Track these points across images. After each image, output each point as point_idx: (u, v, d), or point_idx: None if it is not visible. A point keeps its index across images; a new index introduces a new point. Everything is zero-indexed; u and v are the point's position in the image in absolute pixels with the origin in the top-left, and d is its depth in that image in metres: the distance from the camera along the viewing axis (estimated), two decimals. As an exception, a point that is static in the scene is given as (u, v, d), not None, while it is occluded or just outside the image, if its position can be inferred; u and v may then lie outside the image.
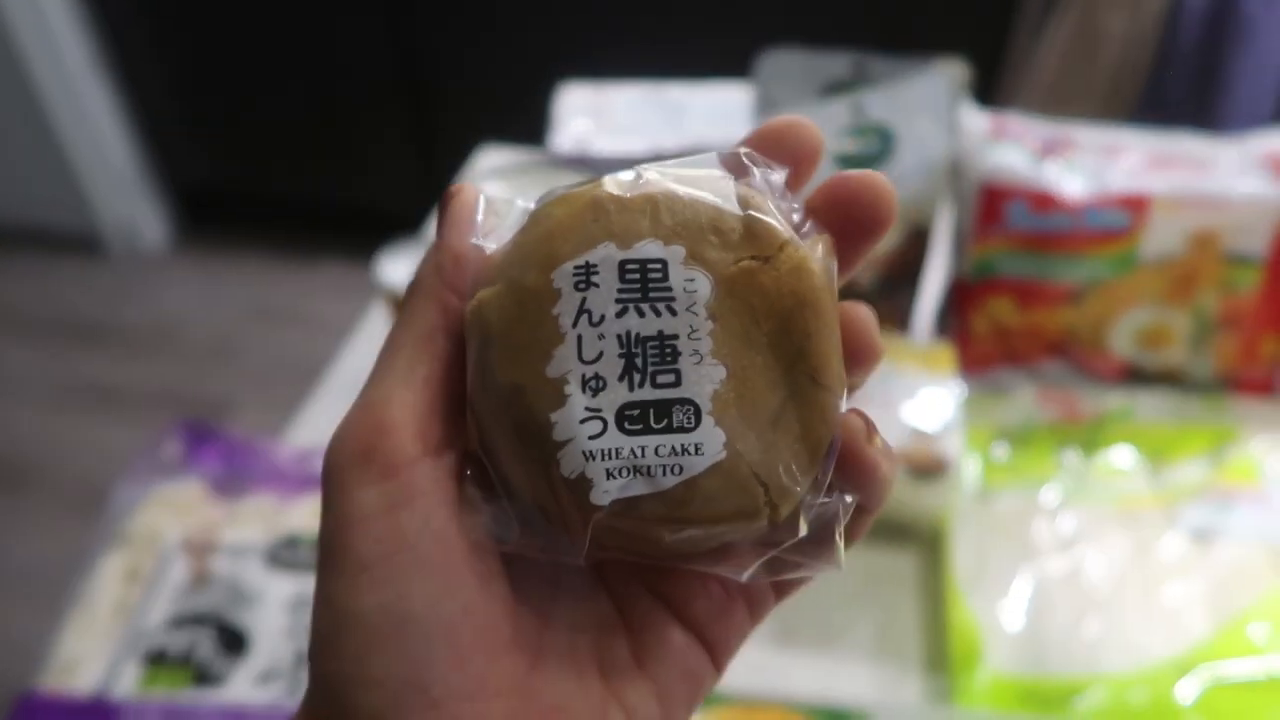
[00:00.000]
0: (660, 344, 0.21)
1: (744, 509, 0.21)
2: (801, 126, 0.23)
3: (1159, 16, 1.19)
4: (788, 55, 0.69)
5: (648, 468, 0.21)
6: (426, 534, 0.20)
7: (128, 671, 0.49)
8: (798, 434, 0.21)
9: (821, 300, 0.22)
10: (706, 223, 0.22)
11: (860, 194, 0.23)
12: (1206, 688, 0.52)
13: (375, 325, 0.79)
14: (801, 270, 0.22)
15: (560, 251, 0.21)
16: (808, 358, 0.21)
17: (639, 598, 0.24)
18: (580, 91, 0.85)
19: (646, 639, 0.23)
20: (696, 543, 0.22)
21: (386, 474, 0.21)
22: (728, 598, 0.24)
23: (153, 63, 1.82)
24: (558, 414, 0.21)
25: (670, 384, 0.21)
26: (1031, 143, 0.67)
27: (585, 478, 0.21)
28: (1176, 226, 0.64)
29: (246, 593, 0.51)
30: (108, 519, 0.55)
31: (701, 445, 0.21)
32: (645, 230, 0.22)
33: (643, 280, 0.21)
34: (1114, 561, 0.58)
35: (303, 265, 1.94)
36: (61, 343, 1.81)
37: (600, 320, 0.21)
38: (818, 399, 0.22)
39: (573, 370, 0.21)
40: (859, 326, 0.23)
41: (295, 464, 0.59)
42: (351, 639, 0.20)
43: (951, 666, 0.54)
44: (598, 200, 0.22)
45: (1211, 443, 0.64)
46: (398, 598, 0.20)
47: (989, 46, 1.34)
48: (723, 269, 0.22)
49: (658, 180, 0.22)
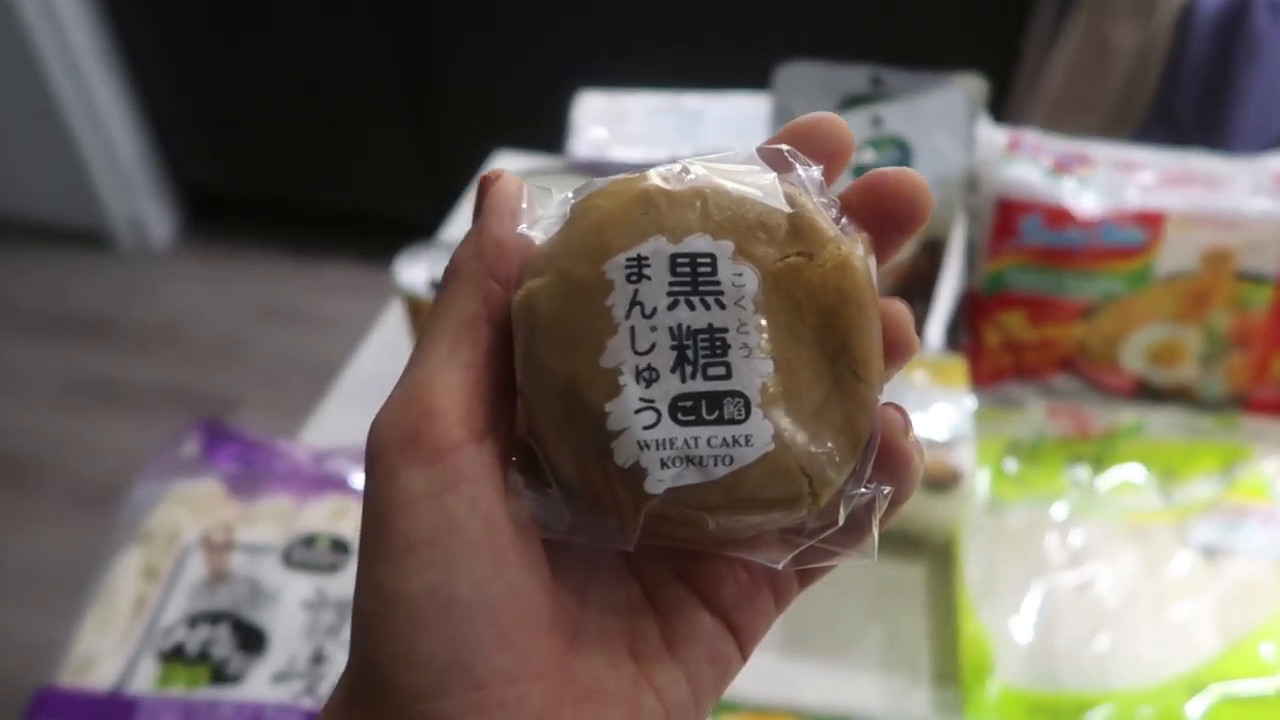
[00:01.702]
0: (710, 337, 0.22)
1: (789, 498, 0.22)
2: (832, 123, 0.24)
3: (1169, 32, 1.19)
4: (806, 67, 0.69)
5: (700, 458, 0.21)
6: (474, 517, 0.21)
7: (145, 668, 0.49)
8: (840, 426, 0.22)
9: (864, 297, 0.22)
10: (754, 219, 0.22)
11: (898, 191, 0.23)
12: (1216, 705, 0.52)
13: (390, 327, 0.79)
14: (845, 267, 0.22)
15: (611, 243, 0.22)
16: (850, 352, 0.22)
17: (668, 583, 0.24)
18: (596, 99, 0.85)
19: (676, 623, 0.24)
20: (739, 530, 0.22)
21: (433, 457, 0.21)
22: (754, 584, 0.25)
23: (163, 61, 1.83)
24: (612, 404, 0.21)
25: (721, 376, 0.21)
26: (1047, 158, 0.67)
27: (640, 466, 0.21)
28: (1190, 244, 0.65)
29: (264, 591, 0.51)
30: (126, 516, 0.55)
31: (751, 437, 0.21)
32: (695, 224, 0.22)
33: (693, 274, 0.22)
34: (1124, 577, 0.58)
35: (309, 265, 1.94)
36: (67, 338, 1.82)
37: (652, 312, 0.22)
38: (860, 393, 0.22)
39: (626, 361, 0.21)
40: (896, 322, 0.23)
41: (312, 465, 0.59)
42: (398, 621, 0.20)
43: (963, 679, 0.54)
44: (646, 193, 0.22)
45: (1222, 461, 0.65)
46: (444, 580, 0.20)
47: (999, 61, 1.34)
48: (769, 264, 0.22)
49: (704, 174, 0.23)
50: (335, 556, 0.53)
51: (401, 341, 0.74)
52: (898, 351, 0.24)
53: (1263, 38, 1.16)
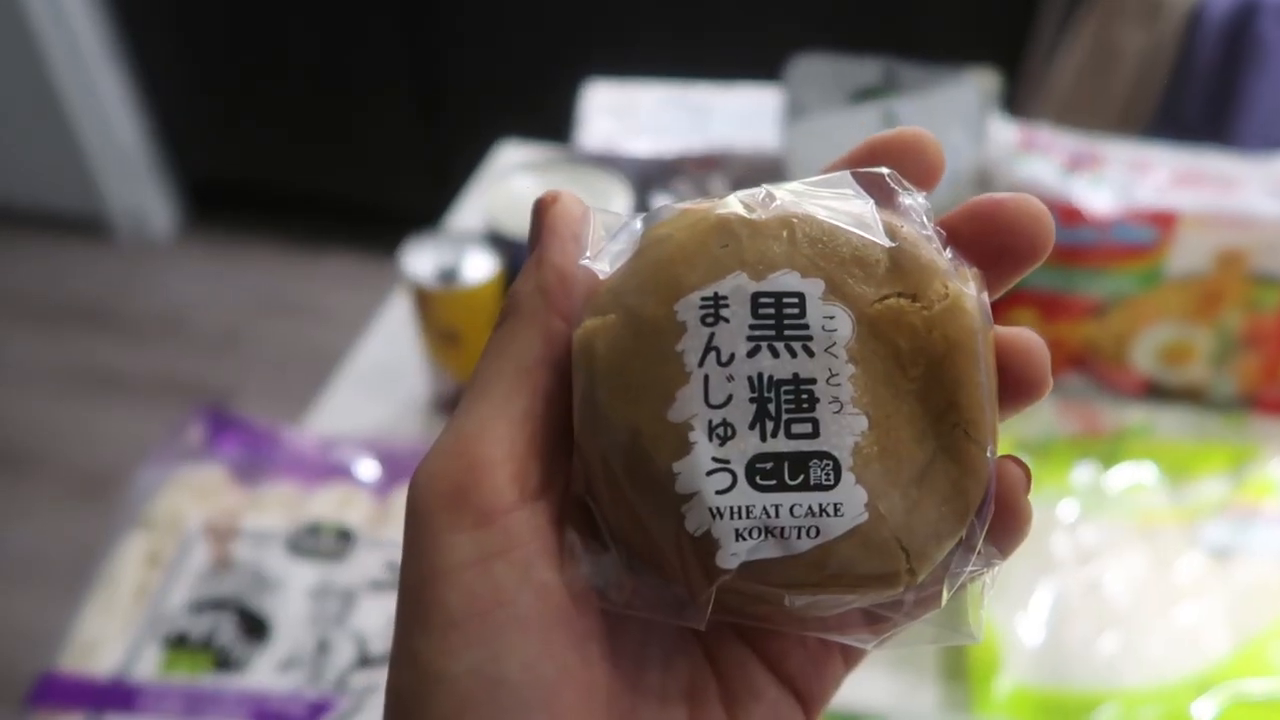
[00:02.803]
0: (796, 389, 0.19)
1: (882, 575, 0.19)
2: (925, 140, 0.21)
3: (1175, 35, 1.19)
4: (818, 61, 0.69)
5: (781, 529, 0.19)
6: (525, 589, 0.19)
7: (148, 654, 0.48)
8: (945, 494, 0.19)
9: (975, 344, 0.19)
10: (848, 253, 0.20)
11: (1016, 220, 0.20)
12: (1225, 706, 0.52)
13: (393, 318, 0.79)
14: (955, 310, 0.19)
15: (685, 279, 0.19)
16: (960, 409, 0.19)
17: (733, 649, 0.22)
18: (605, 90, 0.84)
19: (740, 693, 0.22)
20: (821, 608, 0.20)
21: (481, 520, 0.19)
22: (824, 649, 0.23)
23: (166, 50, 1.82)
24: (681, 463, 0.19)
25: (807, 435, 0.19)
26: (1060, 156, 0.67)
27: (711, 537, 0.19)
28: (1203, 244, 0.64)
29: (268, 579, 0.51)
30: (129, 502, 0.54)
31: (841, 506, 0.19)
32: (781, 259, 0.19)
33: (778, 316, 0.19)
34: (1133, 577, 0.58)
35: (310, 257, 1.93)
36: (67, 327, 1.81)
37: (730, 360, 0.19)
38: (970, 455, 0.19)
39: (698, 415, 0.19)
40: (1025, 357, 0.20)
41: (317, 453, 0.59)
42: (439, 704, 0.18)
43: (971, 676, 0.54)
44: (726, 222, 0.20)
45: (1232, 461, 0.64)
46: (491, 659, 0.18)
47: (1006, 60, 1.34)
48: (866, 306, 0.19)
49: (792, 200, 0.20)
50: (340, 545, 0.53)
51: (405, 332, 0.73)
52: (1024, 392, 0.20)
53: (1269, 43, 1.16)
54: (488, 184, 0.90)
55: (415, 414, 0.69)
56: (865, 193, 0.21)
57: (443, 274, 0.61)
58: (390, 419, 0.69)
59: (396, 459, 0.58)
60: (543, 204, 0.22)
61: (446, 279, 0.61)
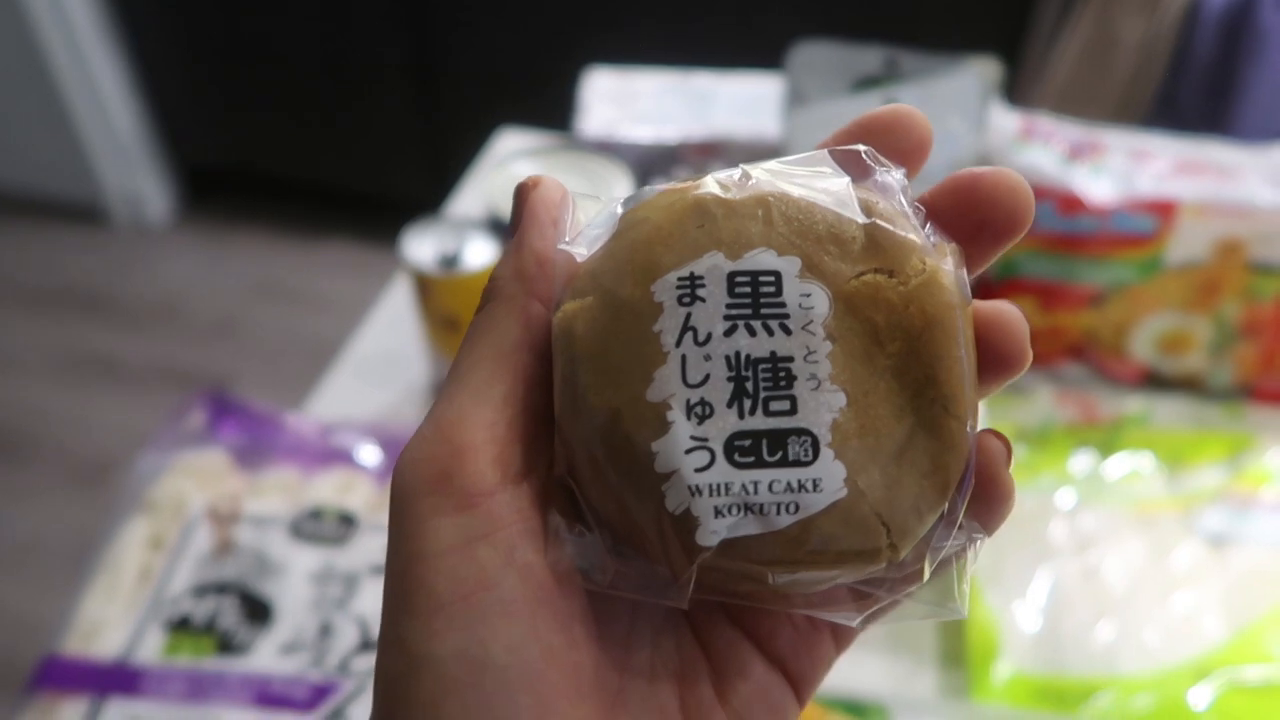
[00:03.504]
0: (774, 366, 0.19)
1: (864, 551, 0.19)
2: (913, 117, 0.21)
3: (1175, 25, 1.19)
4: (819, 48, 0.69)
5: (760, 505, 0.19)
6: (509, 571, 0.19)
7: (151, 637, 0.49)
8: (925, 469, 0.19)
9: (953, 319, 0.19)
10: (825, 231, 0.20)
11: (995, 193, 0.20)
12: (1221, 692, 0.52)
13: (393, 305, 0.79)
14: (932, 285, 0.19)
15: (661, 260, 0.20)
16: (938, 384, 0.19)
17: (721, 629, 0.22)
18: (606, 78, 0.84)
19: (729, 673, 0.22)
20: (805, 585, 0.20)
21: (464, 503, 0.19)
22: (813, 629, 0.23)
23: (162, 34, 1.81)
24: (659, 443, 0.19)
25: (785, 412, 0.19)
26: (1060, 144, 0.67)
27: (691, 515, 0.19)
28: (1202, 233, 0.64)
29: (270, 563, 0.51)
30: (131, 486, 0.54)
31: (820, 481, 0.19)
32: (756, 238, 0.20)
33: (754, 294, 0.19)
34: (1130, 565, 0.58)
35: (307, 244, 1.93)
36: (63, 314, 1.81)
37: (706, 339, 0.19)
38: (949, 429, 0.19)
39: (676, 394, 0.19)
40: (1005, 330, 0.20)
41: (318, 438, 0.59)
42: (425, 686, 0.18)
43: (969, 662, 0.54)
44: (701, 202, 0.20)
45: (1229, 450, 0.65)
46: (477, 642, 0.18)
47: (1005, 49, 1.34)
48: (842, 283, 0.19)
49: (767, 179, 0.20)
50: (342, 530, 0.53)
51: (405, 319, 0.73)
52: (1004, 366, 0.20)
53: (1268, 33, 1.16)
54: (488, 171, 0.89)
55: (415, 401, 0.69)
56: (843, 170, 0.21)
57: (444, 260, 0.61)
58: (390, 406, 0.69)
59: (398, 444, 0.59)
60: (523, 189, 0.22)
61: (447, 265, 0.61)
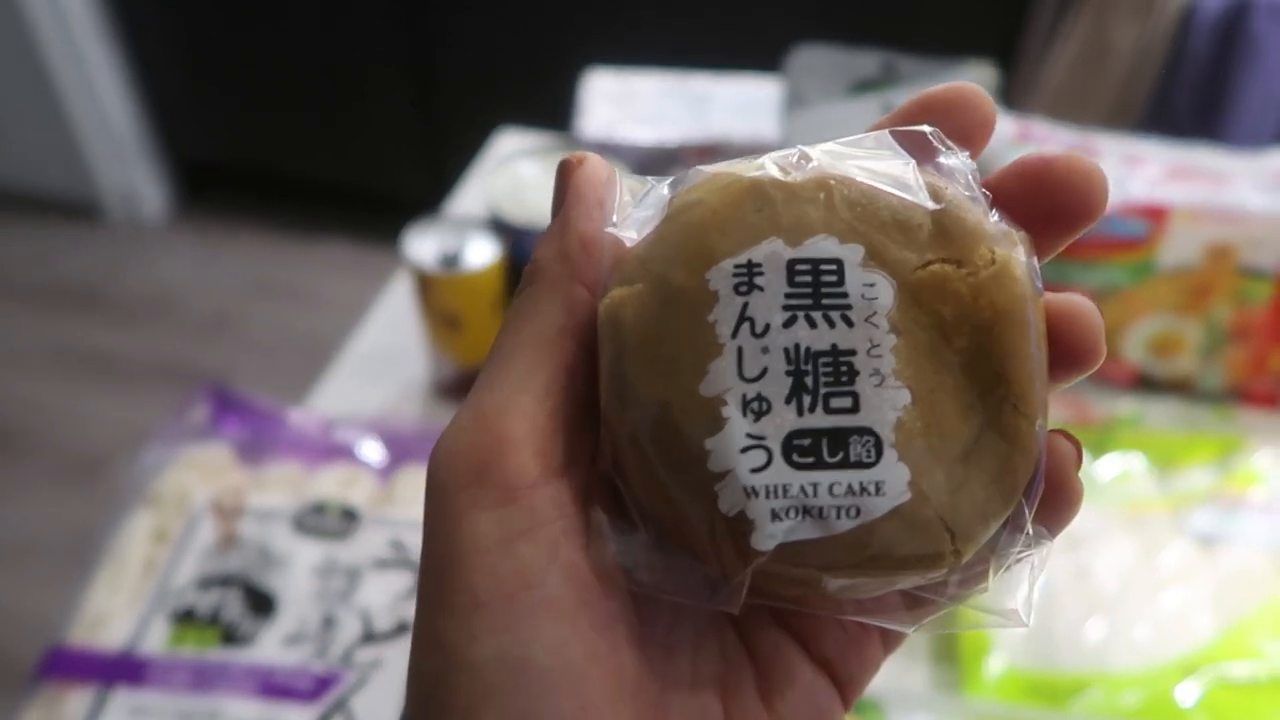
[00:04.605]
0: (835, 361, 0.18)
1: (925, 557, 0.18)
2: (978, 95, 0.20)
3: (1169, 31, 1.20)
4: (818, 51, 0.70)
5: (819, 509, 0.18)
6: (552, 569, 0.18)
7: (156, 629, 0.49)
8: (993, 472, 0.18)
9: (1025, 312, 0.19)
10: (889, 217, 0.19)
11: (1069, 179, 0.19)
12: (1208, 689, 0.53)
13: (393, 303, 0.79)
14: (1004, 276, 0.19)
15: (717, 246, 0.19)
16: (1008, 381, 0.18)
17: (766, 630, 0.21)
18: (606, 79, 0.85)
19: (774, 676, 0.21)
20: (862, 590, 0.19)
21: (505, 498, 0.18)
22: (862, 631, 0.22)
23: (159, 29, 1.81)
24: (713, 440, 0.18)
25: (846, 409, 0.18)
26: (1055, 148, 0.68)
27: (745, 517, 0.18)
28: (1194, 238, 0.65)
29: (274, 556, 0.52)
30: (134, 479, 0.55)
31: (883, 484, 0.18)
32: (818, 224, 0.19)
33: (815, 284, 0.18)
34: (1121, 563, 0.59)
35: (304, 242, 1.93)
36: (57, 309, 1.80)
37: (764, 331, 0.18)
38: (1019, 430, 0.18)
39: (732, 389, 0.18)
40: (1079, 323, 0.19)
41: (320, 434, 0.59)
42: (463, 689, 0.18)
43: (962, 658, 0.55)
44: (759, 185, 0.19)
45: (1218, 452, 0.65)
46: (518, 644, 0.18)
47: (1000, 54, 1.35)
48: (908, 273, 0.19)
49: (828, 162, 0.19)
50: (345, 524, 0.54)
51: (405, 317, 0.74)
52: (1076, 362, 0.19)
53: (1262, 40, 1.17)
54: (488, 170, 0.90)
55: (415, 399, 0.70)
56: (906, 153, 0.20)
57: (445, 259, 0.62)
58: (390, 404, 0.69)
59: (400, 440, 0.59)
60: (568, 166, 0.20)
61: (448, 264, 0.62)
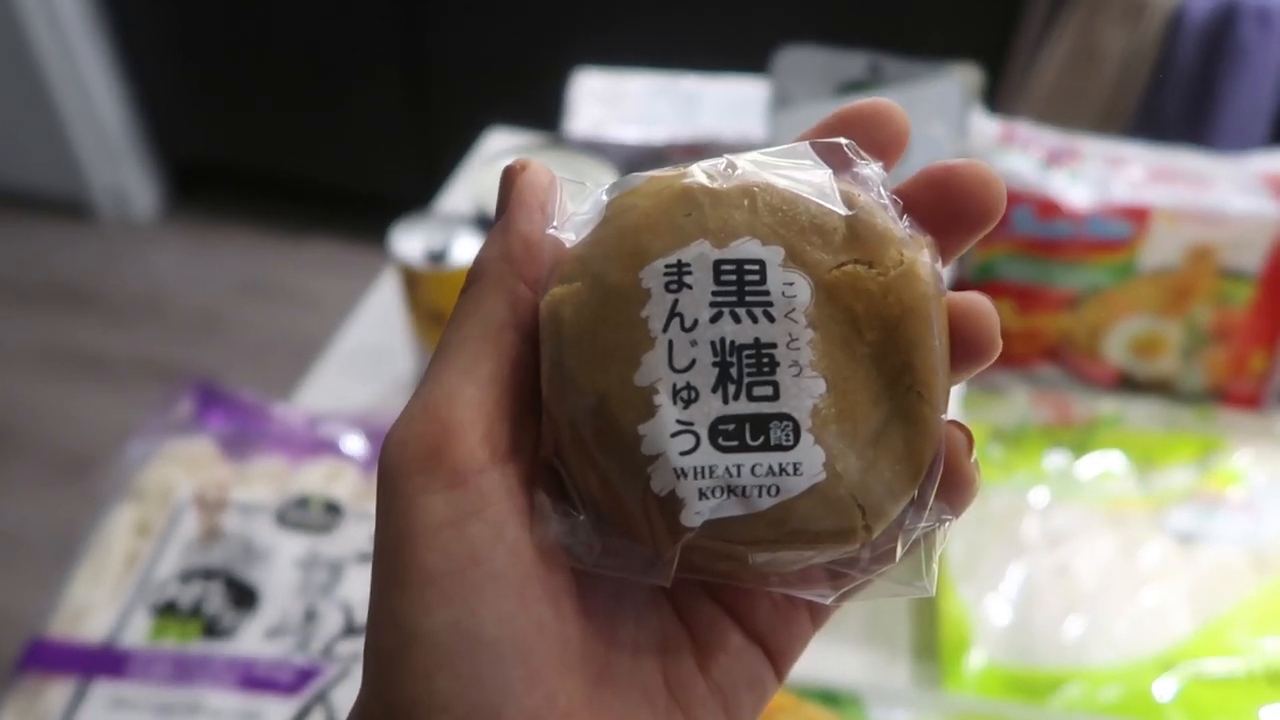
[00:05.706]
0: (757, 353, 0.20)
1: (839, 532, 0.20)
2: (891, 110, 0.22)
3: (1157, 37, 1.21)
4: (804, 52, 0.70)
5: (743, 488, 0.19)
6: (499, 547, 0.19)
7: (137, 621, 0.49)
8: (900, 453, 0.20)
9: (929, 308, 0.20)
10: (808, 221, 0.20)
11: (969, 185, 0.21)
12: (1185, 684, 0.53)
13: (380, 300, 0.79)
14: (910, 276, 0.20)
15: (649, 247, 0.20)
16: (914, 371, 0.20)
17: (702, 606, 0.23)
18: (595, 79, 0.85)
19: (711, 648, 0.22)
20: (783, 564, 0.21)
21: (454, 481, 0.19)
22: (791, 606, 0.23)
23: (150, 28, 1.81)
24: (646, 426, 0.19)
25: (768, 397, 0.20)
26: (1039, 151, 0.68)
27: (676, 496, 0.19)
28: (1175, 239, 0.66)
29: (256, 550, 0.52)
30: (118, 473, 0.55)
31: (800, 465, 0.20)
32: (742, 227, 0.20)
33: (739, 283, 0.20)
34: (1101, 561, 0.60)
35: (294, 241, 1.93)
36: (48, 308, 1.80)
37: (693, 325, 0.20)
38: (922, 416, 0.20)
39: (663, 379, 0.20)
40: (975, 320, 0.21)
41: (304, 428, 0.59)
42: (418, 659, 0.19)
43: (942, 653, 0.55)
44: (689, 191, 0.21)
45: (1198, 451, 0.66)
46: (468, 614, 0.19)
47: (990, 58, 1.36)
48: (824, 273, 0.20)
49: (753, 170, 0.21)
50: (328, 518, 0.54)
51: (392, 315, 0.74)
52: (975, 354, 0.21)
53: (1248, 46, 1.18)
54: (476, 169, 0.90)
55: (401, 395, 0.70)
56: (824, 162, 0.21)
57: (431, 255, 0.62)
58: (377, 400, 0.70)
59: (384, 435, 0.59)
60: (511, 172, 0.22)
61: (435, 260, 0.62)
